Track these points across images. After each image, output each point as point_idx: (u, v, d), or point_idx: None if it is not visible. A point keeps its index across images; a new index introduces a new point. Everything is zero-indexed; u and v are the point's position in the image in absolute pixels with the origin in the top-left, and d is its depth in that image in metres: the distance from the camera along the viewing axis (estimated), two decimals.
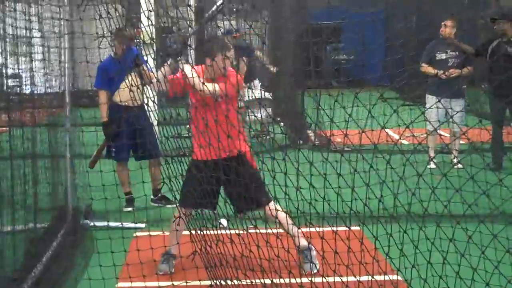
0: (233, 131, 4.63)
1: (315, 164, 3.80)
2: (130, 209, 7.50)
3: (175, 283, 4.93)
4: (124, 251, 5.29)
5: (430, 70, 9.50)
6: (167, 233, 5.57)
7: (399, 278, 4.06)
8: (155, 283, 4.93)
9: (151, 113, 6.95)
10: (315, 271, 5.07)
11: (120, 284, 5.12)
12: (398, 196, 3.64)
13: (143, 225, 6.82)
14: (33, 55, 6.14)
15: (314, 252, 5.29)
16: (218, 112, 4.79)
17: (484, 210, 4.13)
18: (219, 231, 4.52)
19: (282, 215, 4.97)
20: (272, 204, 5.10)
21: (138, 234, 6.32)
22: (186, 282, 4.83)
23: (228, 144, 4.57)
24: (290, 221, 5.05)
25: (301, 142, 11.03)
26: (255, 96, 10.61)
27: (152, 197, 7.75)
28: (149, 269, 5.01)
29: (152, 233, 5.62)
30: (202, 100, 5.12)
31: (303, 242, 5.27)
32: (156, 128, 6.89)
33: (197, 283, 4.83)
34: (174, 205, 6.89)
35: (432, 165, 8.53)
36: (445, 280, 3.54)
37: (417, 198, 3.65)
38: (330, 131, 4.05)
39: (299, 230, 5.09)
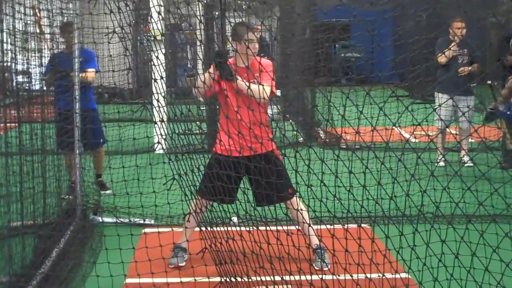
0: (263, 129, 4.63)
1: (326, 161, 3.77)
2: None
3: (184, 279, 4.91)
4: (132, 248, 5.25)
5: (443, 59, 9.36)
6: (175, 229, 5.54)
7: (410, 277, 4.02)
8: (164, 279, 4.90)
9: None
10: (326, 268, 5.06)
11: (128, 280, 5.10)
12: (410, 195, 3.60)
13: (152, 221, 6.80)
14: (42, 51, 6.13)
15: (326, 254, 5.28)
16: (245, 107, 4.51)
17: (495, 209, 4.09)
18: (229, 228, 4.50)
19: (303, 212, 4.95)
20: (294, 200, 5.15)
21: (147, 230, 6.30)
22: (195, 279, 4.81)
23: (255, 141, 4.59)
24: (307, 220, 5.03)
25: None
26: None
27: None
28: (157, 265, 4.97)
29: (161, 230, 5.57)
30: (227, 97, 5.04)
31: (316, 241, 5.25)
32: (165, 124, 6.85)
33: (205, 279, 4.81)
34: (107, 192, 7.80)
35: (442, 163, 8.50)
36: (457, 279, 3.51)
37: (429, 197, 3.60)
38: (341, 128, 4.04)
39: (314, 229, 5.11)
